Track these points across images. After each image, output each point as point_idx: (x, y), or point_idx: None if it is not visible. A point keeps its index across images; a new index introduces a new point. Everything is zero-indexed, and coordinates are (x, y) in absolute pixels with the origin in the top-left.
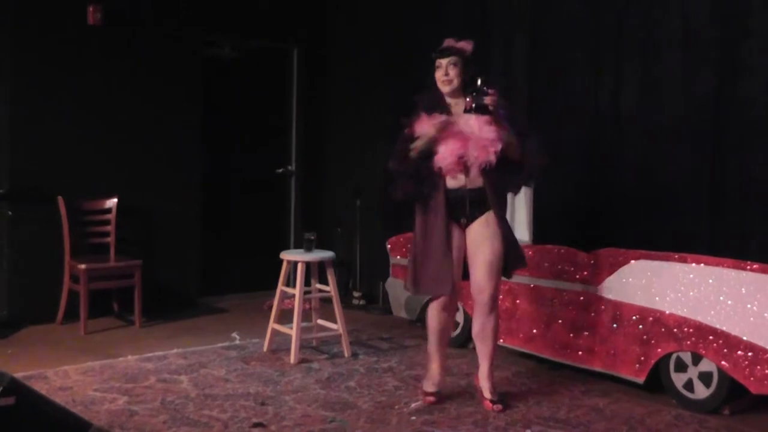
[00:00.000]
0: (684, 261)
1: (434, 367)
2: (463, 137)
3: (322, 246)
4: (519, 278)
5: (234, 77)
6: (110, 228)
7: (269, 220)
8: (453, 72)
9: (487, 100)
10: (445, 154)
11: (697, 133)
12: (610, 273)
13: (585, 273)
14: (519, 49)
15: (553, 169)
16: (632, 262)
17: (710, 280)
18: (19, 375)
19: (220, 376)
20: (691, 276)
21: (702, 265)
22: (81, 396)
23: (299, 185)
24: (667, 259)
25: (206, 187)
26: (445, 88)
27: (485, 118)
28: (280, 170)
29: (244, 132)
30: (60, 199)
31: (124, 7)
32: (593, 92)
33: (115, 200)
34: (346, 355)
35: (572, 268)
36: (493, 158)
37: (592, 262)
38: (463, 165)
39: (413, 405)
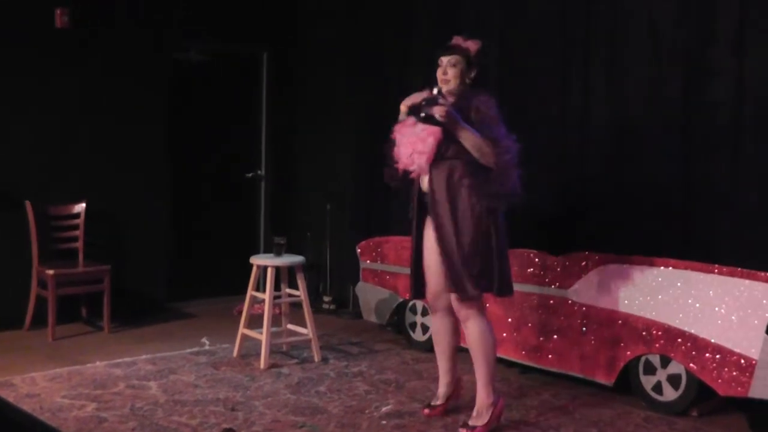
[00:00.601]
0: (652, 264)
1: (440, 374)
2: (417, 136)
3: (292, 250)
4: None
5: (203, 81)
6: (78, 233)
7: (239, 224)
8: (452, 72)
9: (436, 109)
10: (400, 152)
11: (665, 138)
12: (579, 276)
13: (554, 276)
14: (488, 56)
15: (523, 173)
16: (601, 265)
17: (678, 284)
18: None
19: (189, 381)
20: (660, 279)
21: (670, 268)
22: (49, 403)
23: (269, 189)
24: (635, 262)
25: (175, 191)
26: (443, 88)
27: (432, 128)
28: (250, 174)
29: (213, 136)
30: (27, 204)
31: (91, 11)
32: (562, 97)
33: (83, 205)
34: (316, 359)
35: (541, 272)
36: (419, 165)
37: (561, 265)
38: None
39: (383, 409)
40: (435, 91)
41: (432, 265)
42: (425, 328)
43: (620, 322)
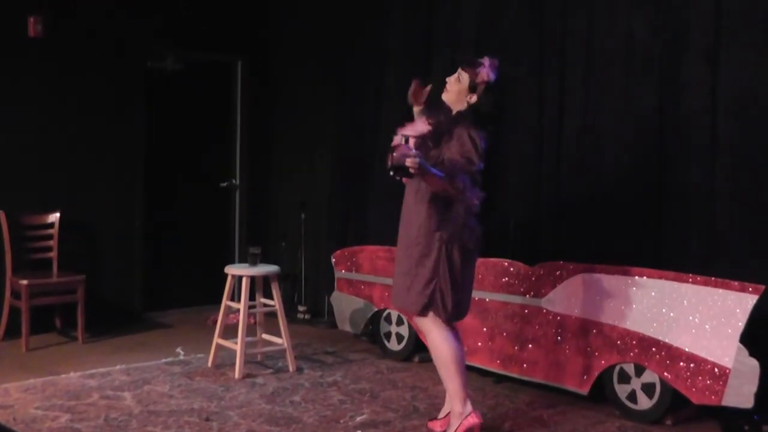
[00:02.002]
0: (627, 274)
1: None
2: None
3: (266, 260)
4: None
5: (178, 90)
6: (52, 243)
7: (213, 234)
8: (451, 85)
9: (409, 161)
10: None
11: (640, 148)
12: (554, 286)
13: (529, 286)
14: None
15: (498, 183)
16: (576, 275)
17: (653, 293)
18: None
19: (164, 392)
20: (634, 289)
21: (644, 278)
22: (22, 414)
23: (244, 199)
24: (610, 272)
25: (149, 200)
26: (443, 95)
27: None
28: (225, 184)
29: (187, 145)
30: (1, 214)
31: (65, 19)
32: (537, 107)
33: (57, 215)
34: (291, 369)
35: (516, 282)
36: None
37: (535, 275)
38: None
39: (358, 419)
40: (401, 140)
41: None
42: (400, 338)
43: (595, 331)
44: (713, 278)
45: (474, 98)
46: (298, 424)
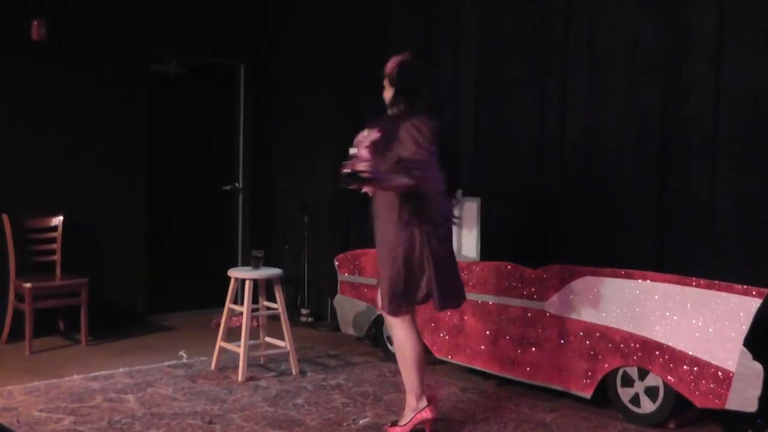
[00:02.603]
0: (630, 277)
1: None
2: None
3: (269, 263)
4: (466, 295)
5: (180, 93)
6: (56, 246)
7: (216, 237)
8: (385, 96)
9: (361, 166)
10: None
11: (643, 150)
12: (557, 289)
13: (532, 289)
14: (465, 68)
15: (501, 186)
16: (579, 278)
17: (656, 296)
18: None
19: (167, 394)
20: (637, 292)
21: (648, 281)
22: (26, 416)
23: (246, 202)
24: (613, 275)
25: (153, 204)
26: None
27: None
28: (228, 187)
29: (190, 148)
30: (4, 217)
31: (68, 23)
32: (540, 109)
33: (61, 218)
34: (293, 372)
35: (519, 285)
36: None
37: (539, 278)
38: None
39: (361, 422)
40: (351, 152)
41: None
42: None
43: (598, 334)
44: (716, 281)
45: (390, 91)
46: (300, 427)
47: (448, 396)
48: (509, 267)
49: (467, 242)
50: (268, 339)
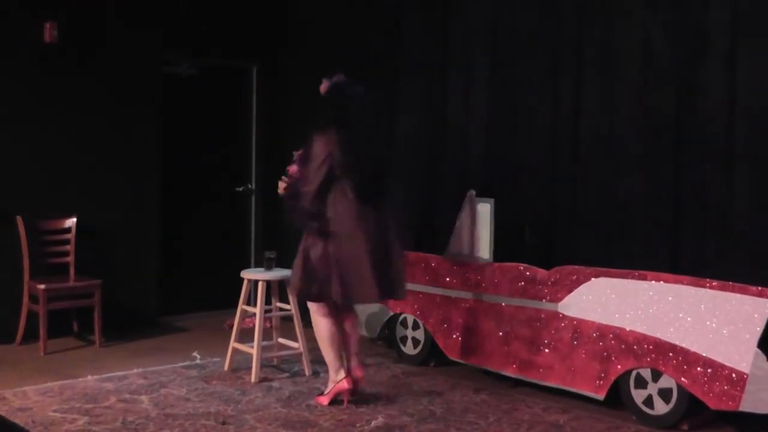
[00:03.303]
0: (644, 278)
1: None
2: None
3: (282, 264)
4: (479, 296)
5: (193, 95)
6: (69, 248)
7: (229, 238)
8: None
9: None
10: None
11: (657, 152)
12: (570, 290)
13: (545, 290)
14: (479, 68)
15: (514, 187)
16: (592, 279)
17: (669, 298)
18: None
19: (180, 395)
20: (651, 293)
21: (661, 282)
22: (40, 417)
23: (259, 203)
24: (626, 276)
25: (165, 205)
26: None
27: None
28: (240, 188)
29: (203, 150)
30: (18, 219)
31: (81, 25)
32: (553, 110)
33: (74, 220)
34: (306, 373)
35: (532, 286)
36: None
37: (552, 279)
38: None
39: (373, 423)
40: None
41: None
42: (416, 342)
43: (611, 335)
44: (731, 283)
45: (323, 108)
46: (314, 428)
47: (460, 397)
48: (521, 268)
49: (480, 243)
50: (281, 340)
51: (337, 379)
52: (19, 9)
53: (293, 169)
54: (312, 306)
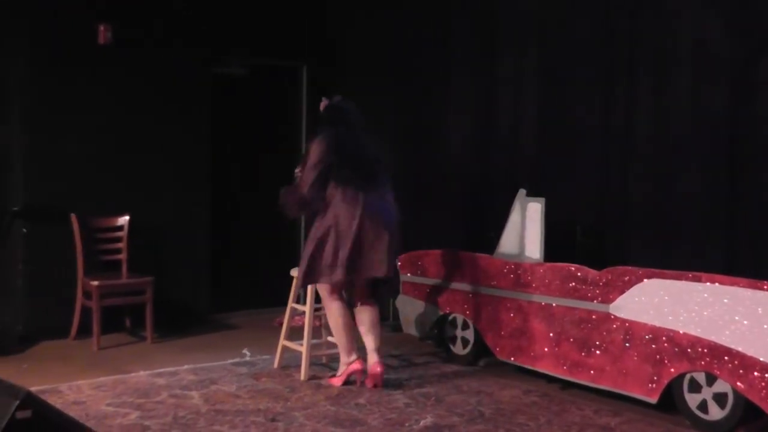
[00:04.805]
0: (698, 280)
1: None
2: None
3: None
4: (529, 296)
5: (243, 95)
6: (122, 245)
7: (279, 236)
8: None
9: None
10: None
11: (712, 151)
12: (623, 291)
13: (597, 291)
14: (529, 67)
15: (565, 187)
16: (645, 280)
17: (725, 300)
18: (33, 389)
19: (230, 392)
20: (705, 295)
21: (716, 284)
22: (94, 410)
23: None
24: (680, 278)
25: (216, 204)
26: None
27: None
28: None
29: (253, 149)
30: (73, 217)
31: (134, 27)
32: (604, 109)
33: (127, 218)
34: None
35: (583, 286)
36: None
37: (603, 280)
38: None
39: (422, 422)
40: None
41: None
42: (465, 342)
43: (664, 338)
44: None
45: (323, 124)
46: (362, 427)
47: (510, 398)
48: (573, 268)
49: (530, 243)
50: (330, 338)
51: (349, 361)
52: (73, 12)
53: (297, 171)
54: (323, 291)
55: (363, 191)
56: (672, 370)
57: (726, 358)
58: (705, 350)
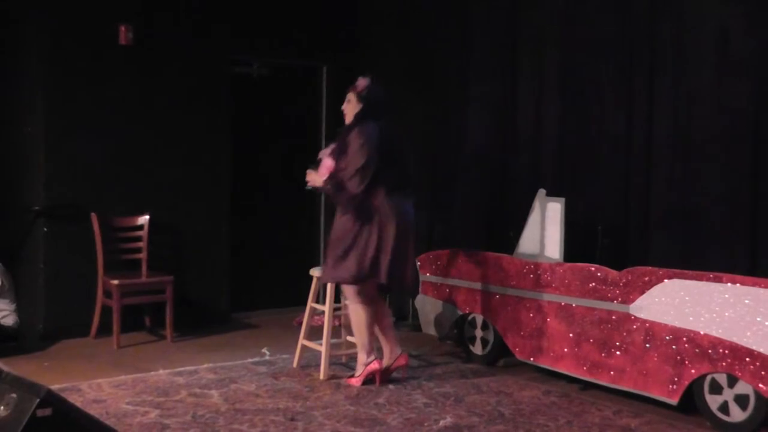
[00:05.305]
0: (719, 280)
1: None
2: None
3: None
4: (549, 296)
5: (263, 94)
6: (142, 244)
7: (299, 236)
8: (346, 108)
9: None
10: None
11: (733, 151)
12: (643, 292)
13: (617, 291)
14: (549, 66)
15: (585, 186)
16: (665, 281)
17: (746, 301)
18: (54, 387)
19: (250, 391)
20: (726, 296)
21: (738, 284)
22: (114, 409)
23: (328, 202)
24: (701, 278)
25: (236, 203)
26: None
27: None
28: (310, 187)
29: (273, 149)
30: (93, 216)
31: (154, 27)
32: (625, 107)
33: (147, 217)
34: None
35: (603, 287)
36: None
37: (623, 280)
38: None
39: (442, 422)
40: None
41: None
42: (485, 342)
43: (685, 339)
44: None
45: (360, 105)
46: (382, 426)
47: (529, 399)
48: (593, 269)
49: (550, 243)
50: (349, 338)
51: (368, 361)
52: (94, 12)
53: (328, 162)
54: (350, 290)
55: (397, 192)
56: (693, 371)
57: (747, 359)
58: (726, 351)
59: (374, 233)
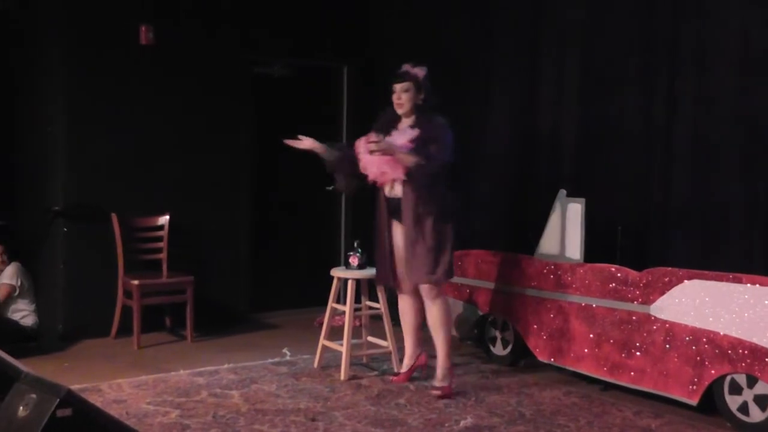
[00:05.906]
0: (739, 281)
1: (406, 347)
2: (381, 159)
3: (372, 263)
4: (570, 297)
5: (284, 95)
6: (162, 244)
7: (319, 236)
8: (405, 97)
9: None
10: (365, 167)
11: (754, 151)
12: (663, 293)
13: (637, 292)
14: (570, 67)
15: (606, 187)
16: (685, 281)
17: (766, 301)
18: (74, 387)
19: (270, 391)
20: (746, 296)
21: (757, 285)
22: (134, 409)
23: (349, 202)
24: (721, 279)
25: (257, 203)
26: (398, 111)
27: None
28: (330, 187)
29: (294, 149)
30: (114, 216)
31: (175, 28)
32: (646, 108)
33: (167, 217)
34: (396, 372)
35: (624, 287)
36: (397, 176)
37: (643, 281)
38: (387, 178)
39: (462, 423)
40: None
41: (401, 256)
42: (505, 343)
43: (705, 339)
44: None
45: (422, 94)
46: (402, 427)
47: (550, 399)
48: (613, 269)
49: (571, 243)
50: (370, 338)
51: (449, 367)
52: (116, 13)
53: (406, 144)
54: (434, 289)
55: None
56: (713, 371)
57: (767, 359)
58: (746, 352)
59: (452, 231)
